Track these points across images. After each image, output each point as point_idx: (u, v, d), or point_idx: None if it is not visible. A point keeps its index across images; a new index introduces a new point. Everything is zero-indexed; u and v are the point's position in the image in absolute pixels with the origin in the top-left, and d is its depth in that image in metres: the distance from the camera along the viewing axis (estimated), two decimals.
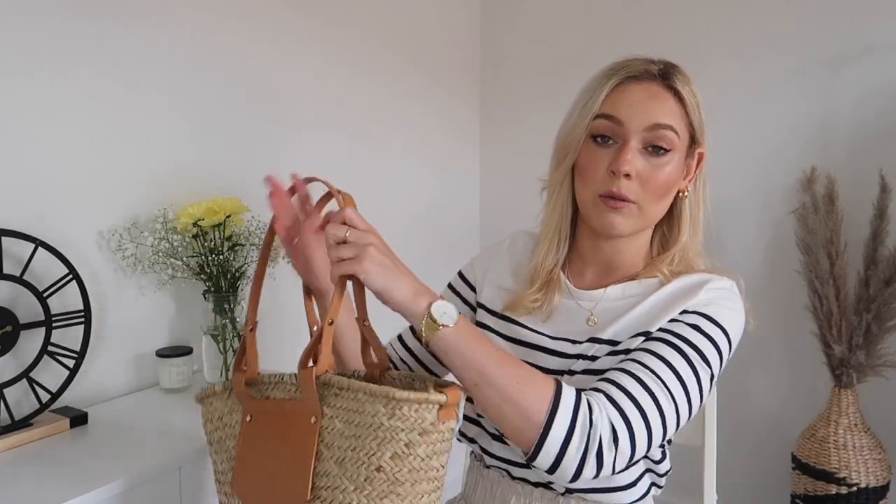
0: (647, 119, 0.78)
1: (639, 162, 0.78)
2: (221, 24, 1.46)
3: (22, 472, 0.94)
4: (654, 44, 2.04)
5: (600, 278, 0.87)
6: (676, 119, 0.80)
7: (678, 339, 0.74)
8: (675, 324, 0.76)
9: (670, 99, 0.80)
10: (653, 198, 0.80)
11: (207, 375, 1.34)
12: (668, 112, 0.79)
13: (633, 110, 0.78)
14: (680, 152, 0.80)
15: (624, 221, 0.80)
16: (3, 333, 1.04)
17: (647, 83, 0.80)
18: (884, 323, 1.61)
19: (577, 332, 0.83)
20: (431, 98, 2.20)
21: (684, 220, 0.84)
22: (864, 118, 1.77)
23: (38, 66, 1.14)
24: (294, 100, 1.67)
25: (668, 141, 0.79)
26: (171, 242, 1.26)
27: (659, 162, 0.79)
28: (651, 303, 0.80)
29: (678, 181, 0.82)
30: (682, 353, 0.73)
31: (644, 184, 0.78)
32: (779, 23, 1.86)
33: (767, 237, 1.92)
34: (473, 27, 2.43)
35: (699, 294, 0.78)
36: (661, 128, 0.78)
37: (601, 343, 0.80)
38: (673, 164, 0.80)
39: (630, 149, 0.78)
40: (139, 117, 1.30)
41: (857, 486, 1.63)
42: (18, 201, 1.13)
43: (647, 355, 0.73)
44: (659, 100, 0.79)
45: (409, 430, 0.63)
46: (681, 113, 0.80)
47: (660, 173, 0.79)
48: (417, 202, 2.17)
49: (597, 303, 0.84)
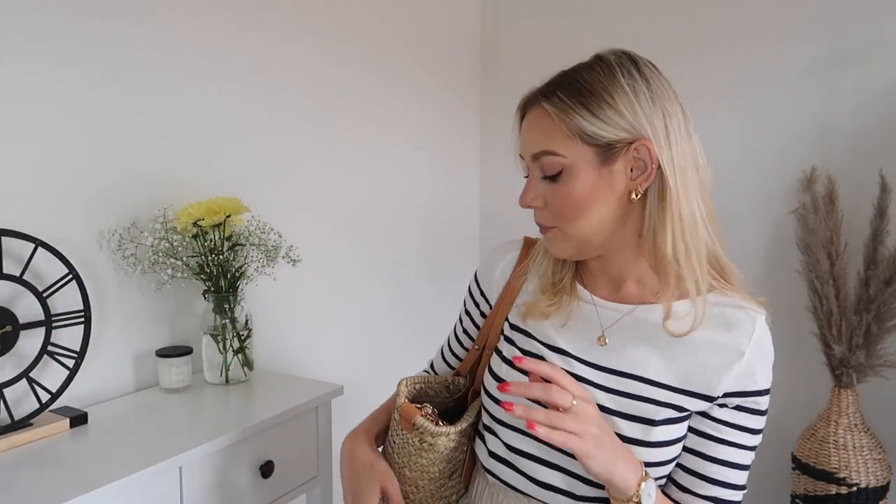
0: (528, 150, 0.79)
1: (542, 189, 0.78)
2: (221, 23, 1.46)
3: (22, 472, 0.94)
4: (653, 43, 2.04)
5: (614, 290, 0.83)
6: (555, 139, 0.74)
7: (741, 433, 0.76)
8: (739, 415, 0.76)
9: (545, 120, 0.76)
10: (566, 218, 0.77)
11: (207, 375, 1.34)
12: (542, 137, 0.76)
13: (523, 143, 0.80)
14: (584, 165, 0.74)
15: (554, 246, 0.81)
16: (3, 333, 1.04)
17: (531, 111, 0.79)
18: (884, 323, 1.61)
19: (606, 356, 0.79)
20: (432, 97, 2.21)
21: (647, 221, 0.76)
22: (864, 118, 1.77)
23: (38, 65, 1.14)
24: (294, 99, 1.67)
25: (553, 165, 0.75)
26: (171, 242, 1.26)
27: (557, 186, 0.77)
28: (690, 344, 0.75)
29: (600, 193, 0.75)
30: (747, 447, 0.77)
31: (551, 208, 0.78)
32: (779, 23, 1.86)
33: (767, 237, 1.92)
34: (473, 27, 2.43)
35: (753, 351, 0.75)
36: (537, 157, 0.77)
37: (640, 381, 0.76)
38: (574, 182, 0.74)
39: (531, 180, 0.80)
40: (139, 117, 1.30)
41: (857, 486, 1.63)
42: (18, 201, 1.13)
43: (716, 466, 0.76)
44: (536, 126, 0.78)
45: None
46: (560, 130, 0.74)
47: (558, 196, 0.76)
48: (418, 202, 2.17)
49: (620, 318, 0.80)
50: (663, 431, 0.74)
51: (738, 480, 0.76)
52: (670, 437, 0.75)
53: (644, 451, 0.74)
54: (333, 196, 1.82)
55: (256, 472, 1.14)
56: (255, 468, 1.14)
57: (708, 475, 0.76)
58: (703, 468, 0.76)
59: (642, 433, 0.74)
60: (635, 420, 0.75)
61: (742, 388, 0.75)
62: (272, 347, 1.59)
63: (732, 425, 0.76)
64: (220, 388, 1.31)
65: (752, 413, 0.76)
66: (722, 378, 0.74)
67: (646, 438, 0.74)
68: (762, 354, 0.76)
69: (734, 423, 0.76)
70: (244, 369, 1.35)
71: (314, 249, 1.72)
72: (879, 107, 1.75)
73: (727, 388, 0.74)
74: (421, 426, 0.82)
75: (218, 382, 1.33)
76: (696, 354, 0.75)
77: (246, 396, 1.27)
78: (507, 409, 0.66)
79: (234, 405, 1.23)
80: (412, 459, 0.85)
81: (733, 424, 0.76)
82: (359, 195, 1.92)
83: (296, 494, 1.24)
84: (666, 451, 0.75)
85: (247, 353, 1.35)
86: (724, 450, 0.76)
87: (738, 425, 0.76)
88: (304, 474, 1.26)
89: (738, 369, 0.74)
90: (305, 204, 1.72)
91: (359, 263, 1.93)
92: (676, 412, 0.75)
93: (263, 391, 1.30)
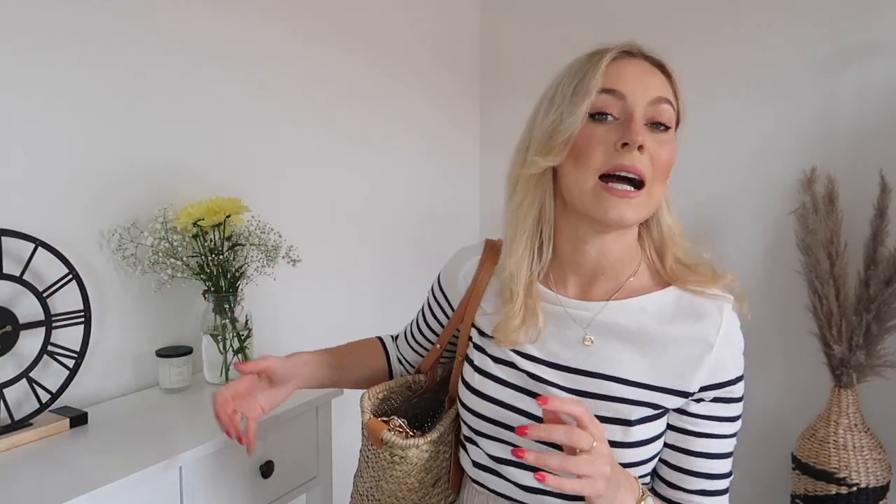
0: (649, 92, 0.73)
1: (647, 137, 0.72)
2: (221, 23, 1.46)
3: (22, 472, 0.94)
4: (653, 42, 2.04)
5: (586, 286, 0.81)
6: (671, 96, 0.76)
7: (719, 423, 0.76)
8: (714, 406, 0.76)
9: (662, 76, 0.76)
10: (660, 177, 0.74)
11: (207, 375, 1.34)
12: (665, 87, 0.75)
13: (636, 84, 0.73)
14: (673, 131, 0.77)
15: (633, 211, 0.72)
16: (3, 333, 1.04)
17: (638, 60, 0.76)
18: (884, 323, 1.61)
19: (575, 357, 0.77)
20: (431, 96, 2.21)
21: (663, 205, 0.79)
22: (864, 118, 1.77)
23: (38, 65, 1.14)
24: (294, 99, 1.67)
25: (669, 117, 0.74)
26: (171, 242, 1.26)
27: (663, 138, 0.74)
28: (666, 340, 0.75)
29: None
30: (727, 436, 0.77)
31: (653, 160, 0.72)
32: (779, 23, 1.86)
33: (767, 237, 1.92)
34: (473, 25, 2.43)
35: (722, 343, 0.74)
36: (663, 101, 0.74)
37: (616, 381, 0.75)
38: (674, 142, 0.76)
39: (638, 121, 0.72)
40: (139, 117, 1.30)
41: (857, 486, 1.63)
42: (18, 201, 1.13)
43: (698, 459, 0.76)
44: (655, 75, 0.76)
45: None
46: (672, 91, 0.76)
47: (664, 150, 0.73)
48: (418, 201, 2.17)
49: (593, 317, 0.78)
50: (641, 430, 0.73)
51: (722, 469, 0.77)
52: (648, 435, 0.74)
53: (623, 453, 0.73)
54: (334, 196, 1.82)
55: (256, 472, 1.14)
56: (255, 468, 1.14)
57: (692, 469, 0.76)
58: (687, 463, 0.76)
59: (621, 435, 0.73)
60: (612, 422, 0.73)
61: (715, 380, 0.74)
62: (272, 347, 1.59)
63: (710, 417, 0.76)
64: (220, 387, 1.31)
65: (727, 402, 0.76)
66: (694, 373, 0.74)
67: (625, 440, 0.73)
68: (731, 344, 0.75)
69: (712, 415, 0.76)
70: None
71: (314, 249, 1.72)
72: (880, 107, 1.75)
73: (701, 382, 0.74)
74: (389, 441, 0.81)
75: (218, 382, 1.33)
76: (668, 349, 0.75)
77: None
78: (519, 456, 0.62)
79: None
80: (386, 473, 0.84)
81: (711, 417, 0.76)
82: (359, 195, 1.91)
83: (296, 494, 1.24)
84: (646, 450, 0.75)
85: (247, 353, 1.35)
86: (704, 442, 0.76)
87: (715, 416, 0.76)
88: (304, 474, 1.26)
89: (709, 362, 0.74)
90: (305, 204, 1.72)
91: (359, 263, 1.93)
92: (652, 410, 0.74)
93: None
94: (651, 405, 0.74)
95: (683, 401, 0.75)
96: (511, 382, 0.80)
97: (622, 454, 0.73)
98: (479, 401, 0.81)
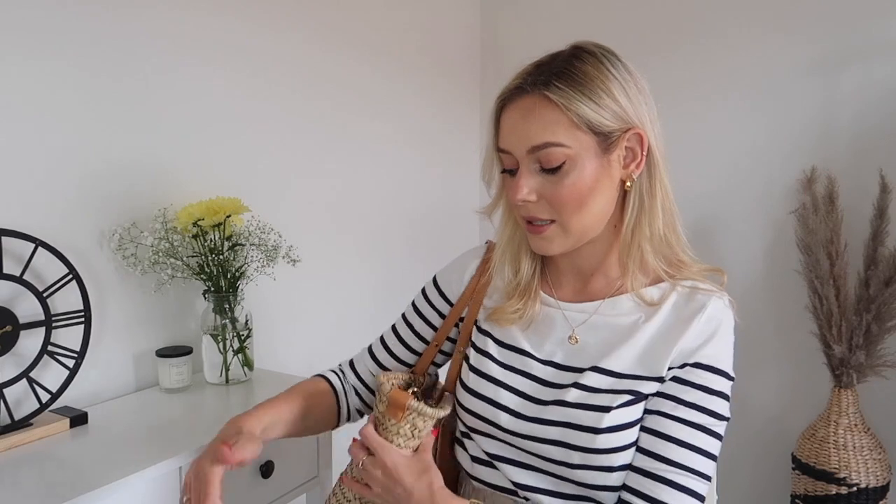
0: (524, 143, 0.74)
1: (537, 183, 0.76)
2: (221, 22, 1.46)
3: (22, 472, 0.94)
4: (653, 43, 2.05)
5: (580, 286, 0.85)
6: (558, 130, 0.73)
7: (696, 412, 0.73)
8: (686, 389, 0.74)
9: (545, 111, 0.73)
10: (568, 212, 0.75)
11: (207, 375, 1.34)
12: (544, 128, 0.73)
13: (513, 137, 0.76)
14: (586, 154, 0.74)
15: (549, 244, 0.78)
16: (3, 333, 1.04)
17: (520, 100, 0.75)
18: (884, 323, 1.61)
19: (560, 351, 0.81)
20: (431, 97, 2.20)
21: (629, 209, 0.78)
22: (864, 118, 1.77)
23: (37, 65, 1.14)
24: (294, 100, 1.67)
25: (556, 157, 0.73)
26: (171, 242, 1.26)
27: (556, 178, 0.74)
28: (652, 332, 0.77)
29: (600, 182, 0.75)
30: (705, 429, 0.73)
31: (551, 202, 0.75)
32: (779, 23, 1.86)
33: (767, 237, 1.92)
34: (473, 26, 2.43)
35: (698, 326, 0.75)
36: (539, 148, 0.74)
37: (602, 373, 0.77)
38: (577, 173, 0.74)
39: (521, 174, 0.76)
40: (140, 117, 1.30)
41: (857, 486, 1.63)
42: (18, 201, 1.13)
43: (672, 445, 0.72)
44: (533, 116, 0.74)
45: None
46: (564, 119, 0.73)
47: (561, 189, 0.74)
48: (418, 201, 2.17)
49: (587, 318, 0.82)
50: (615, 416, 0.74)
51: (684, 460, 0.72)
52: (622, 420, 0.74)
53: (594, 438, 0.74)
54: (333, 196, 1.82)
55: (256, 472, 1.14)
56: (255, 468, 1.14)
57: (649, 449, 0.74)
58: (650, 444, 0.74)
59: (594, 420, 0.74)
60: (593, 409, 0.75)
61: (682, 361, 0.75)
62: (272, 347, 1.59)
63: (669, 397, 0.74)
64: (220, 388, 1.32)
65: (688, 385, 0.74)
66: (667, 355, 0.75)
67: (597, 425, 0.74)
68: (710, 330, 0.76)
69: (670, 394, 0.74)
70: (244, 369, 1.35)
71: (314, 249, 1.72)
72: (879, 107, 1.75)
73: (671, 363, 0.75)
74: (415, 407, 0.79)
75: (218, 382, 1.33)
76: (651, 338, 0.77)
77: (246, 396, 1.27)
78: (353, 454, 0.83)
79: (234, 405, 1.23)
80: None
81: (669, 396, 0.74)
82: (359, 195, 1.91)
83: (296, 494, 1.24)
84: (620, 437, 0.74)
85: (247, 353, 1.35)
86: (666, 423, 0.73)
87: (674, 397, 0.74)
88: (304, 474, 1.26)
89: (681, 344, 0.75)
90: (305, 204, 1.72)
91: (359, 263, 1.93)
92: (631, 395, 0.75)
93: (263, 391, 1.30)
94: (630, 391, 0.76)
95: (658, 385, 0.76)
96: (504, 382, 0.83)
97: (590, 440, 0.74)
98: (472, 399, 0.84)
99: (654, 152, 0.77)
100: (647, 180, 0.77)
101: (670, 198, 0.79)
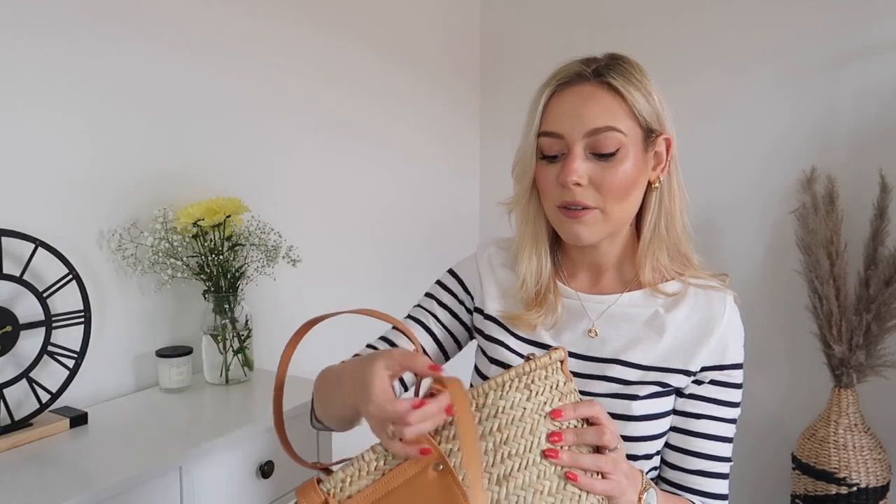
0: (584, 126, 0.76)
1: (587, 168, 0.76)
2: (219, 22, 1.46)
3: (22, 472, 0.94)
4: (654, 42, 2.05)
5: (594, 279, 0.87)
6: (618, 117, 0.76)
7: (728, 408, 0.80)
8: (725, 390, 0.80)
9: (606, 97, 0.76)
10: (613, 199, 0.77)
11: (207, 375, 1.34)
12: (606, 112, 0.76)
13: (570, 119, 0.77)
14: (634, 147, 0.77)
15: (587, 230, 0.79)
16: (3, 333, 1.04)
17: (579, 87, 0.77)
18: (884, 323, 1.61)
19: (581, 343, 0.82)
20: (431, 95, 2.20)
21: (649, 211, 0.81)
22: (864, 118, 1.77)
23: (38, 65, 1.14)
24: (293, 99, 1.67)
25: (613, 142, 0.76)
26: (171, 242, 1.26)
27: (609, 164, 0.76)
28: (674, 326, 0.80)
29: (641, 176, 0.79)
30: (733, 420, 0.81)
31: (599, 188, 0.77)
32: (779, 23, 1.86)
33: (767, 237, 1.92)
34: (473, 26, 2.43)
35: (725, 326, 0.80)
36: (600, 131, 0.75)
37: (628, 366, 0.79)
38: (628, 162, 0.77)
39: (574, 157, 0.76)
40: (140, 117, 1.31)
41: (857, 486, 1.63)
42: (18, 201, 1.13)
43: (718, 444, 0.80)
44: (594, 101, 0.76)
45: (550, 400, 0.65)
46: (623, 108, 0.76)
47: (613, 175, 0.76)
48: (417, 200, 2.17)
49: (606, 308, 0.83)
50: (645, 405, 0.77)
51: (721, 452, 0.80)
52: (654, 410, 0.78)
53: (625, 425, 0.76)
54: (333, 196, 1.82)
55: (256, 472, 1.14)
56: (255, 468, 1.14)
57: (692, 449, 0.80)
58: (687, 444, 0.80)
59: (624, 408, 0.77)
60: (619, 397, 0.78)
61: (716, 361, 0.79)
62: (272, 347, 1.59)
63: (709, 399, 0.80)
64: (220, 388, 1.32)
65: (725, 386, 0.80)
66: (697, 352, 0.79)
67: (628, 413, 0.77)
68: (733, 331, 0.81)
69: (710, 397, 0.80)
70: (244, 369, 1.35)
71: (314, 249, 1.72)
72: (880, 107, 1.75)
73: (703, 362, 0.79)
74: (560, 354, 0.68)
75: (218, 382, 1.33)
76: (676, 333, 0.80)
77: (246, 396, 1.27)
78: (551, 456, 0.64)
79: (234, 405, 1.23)
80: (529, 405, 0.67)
81: (709, 399, 0.80)
82: (359, 194, 1.91)
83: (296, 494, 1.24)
84: (650, 426, 0.78)
85: (247, 353, 1.35)
86: (704, 424, 0.79)
87: (714, 399, 0.80)
88: (304, 474, 1.26)
89: (712, 344, 0.79)
90: (305, 204, 1.72)
91: (359, 262, 1.93)
92: (659, 387, 0.78)
93: (263, 391, 1.30)
94: (659, 383, 0.78)
95: (686, 379, 0.79)
96: None
97: (623, 427, 0.76)
98: None
99: (675, 159, 0.82)
100: (667, 184, 0.82)
101: (686, 202, 0.84)
